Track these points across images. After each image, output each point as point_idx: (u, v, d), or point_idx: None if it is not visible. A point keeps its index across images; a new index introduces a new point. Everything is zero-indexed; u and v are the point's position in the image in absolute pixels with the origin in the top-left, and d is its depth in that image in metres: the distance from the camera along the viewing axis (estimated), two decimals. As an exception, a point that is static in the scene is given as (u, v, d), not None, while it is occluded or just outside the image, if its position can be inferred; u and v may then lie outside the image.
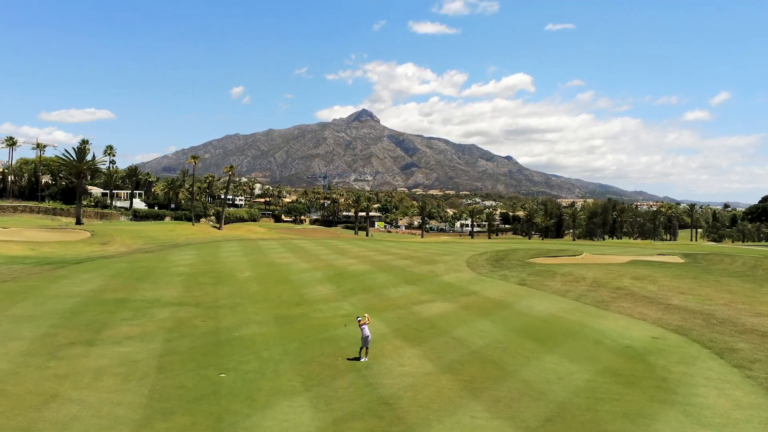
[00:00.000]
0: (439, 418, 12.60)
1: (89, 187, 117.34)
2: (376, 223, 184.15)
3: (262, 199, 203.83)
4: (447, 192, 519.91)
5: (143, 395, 13.59)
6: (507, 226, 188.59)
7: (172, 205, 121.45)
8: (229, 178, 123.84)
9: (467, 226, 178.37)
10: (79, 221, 78.90)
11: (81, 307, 23.54)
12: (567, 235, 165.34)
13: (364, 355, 17.03)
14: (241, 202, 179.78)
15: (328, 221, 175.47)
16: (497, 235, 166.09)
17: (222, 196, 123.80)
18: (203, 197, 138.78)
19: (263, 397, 13.66)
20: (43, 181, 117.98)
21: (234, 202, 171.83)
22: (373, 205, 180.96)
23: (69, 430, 11.51)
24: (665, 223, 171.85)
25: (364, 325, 17.15)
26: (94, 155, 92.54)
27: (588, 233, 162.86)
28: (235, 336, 19.62)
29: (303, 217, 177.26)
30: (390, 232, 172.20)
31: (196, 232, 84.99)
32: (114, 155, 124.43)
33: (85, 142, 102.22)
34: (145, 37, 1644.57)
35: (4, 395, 13.22)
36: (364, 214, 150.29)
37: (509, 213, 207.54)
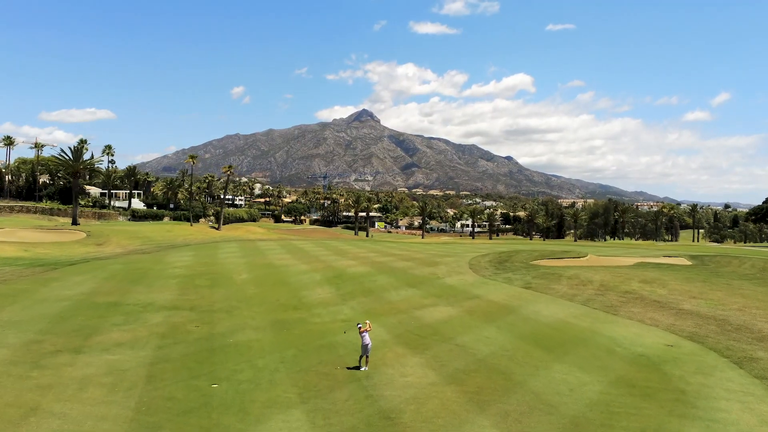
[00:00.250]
0: (445, 434, 11.81)
1: (88, 187, 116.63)
2: (377, 223, 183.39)
3: (262, 200, 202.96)
4: (447, 192, 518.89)
5: (130, 408, 12.98)
6: (508, 226, 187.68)
7: (171, 205, 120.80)
8: (228, 178, 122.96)
9: (468, 226, 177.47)
10: (75, 221, 77.98)
11: (71, 312, 22.75)
12: (568, 236, 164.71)
13: (364, 364, 16.27)
14: (241, 202, 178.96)
15: (328, 221, 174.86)
16: (498, 235, 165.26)
17: (221, 196, 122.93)
18: (202, 197, 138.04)
19: (257, 410, 13.02)
20: (41, 180, 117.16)
21: (234, 202, 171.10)
22: (374, 206, 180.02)
23: (47, 448, 10.78)
24: (667, 224, 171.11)
25: (364, 333, 16.35)
26: (92, 154, 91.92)
27: (589, 234, 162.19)
28: (230, 342, 18.88)
29: (303, 217, 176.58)
30: (390, 232, 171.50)
31: (194, 233, 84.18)
32: (113, 155, 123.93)
33: (83, 142, 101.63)
34: (145, 37, 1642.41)
35: (-20, 409, 12.44)
36: (364, 214, 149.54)
37: (510, 213, 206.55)
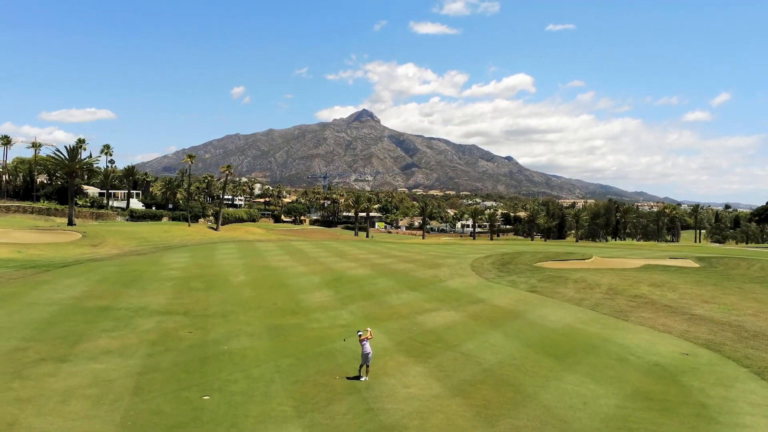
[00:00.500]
0: (452, 455, 10.92)
1: (86, 187, 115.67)
2: (377, 223, 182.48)
3: (262, 200, 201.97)
4: (447, 192, 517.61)
5: (115, 423, 12.12)
6: (508, 227, 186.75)
7: (170, 206, 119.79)
8: (227, 178, 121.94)
9: (468, 226, 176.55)
10: (71, 222, 76.87)
11: (58, 317, 21.83)
12: (569, 236, 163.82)
13: (365, 374, 15.40)
14: (241, 202, 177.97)
15: (328, 222, 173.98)
16: (498, 236, 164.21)
17: (220, 197, 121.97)
18: (201, 197, 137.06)
19: (250, 425, 12.16)
20: (39, 180, 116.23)
21: (233, 202, 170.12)
22: (374, 206, 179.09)
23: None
24: (668, 225, 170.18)
25: (365, 341, 15.46)
26: (90, 154, 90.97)
27: (590, 234, 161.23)
28: (224, 350, 17.99)
29: (303, 217, 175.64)
30: (390, 232, 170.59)
31: (192, 233, 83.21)
32: (111, 154, 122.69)
33: (81, 141, 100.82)
34: (145, 37, 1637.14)
35: (-49, 426, 11.55)
36: (364, 214, 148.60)
37: (510, 214, 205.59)
